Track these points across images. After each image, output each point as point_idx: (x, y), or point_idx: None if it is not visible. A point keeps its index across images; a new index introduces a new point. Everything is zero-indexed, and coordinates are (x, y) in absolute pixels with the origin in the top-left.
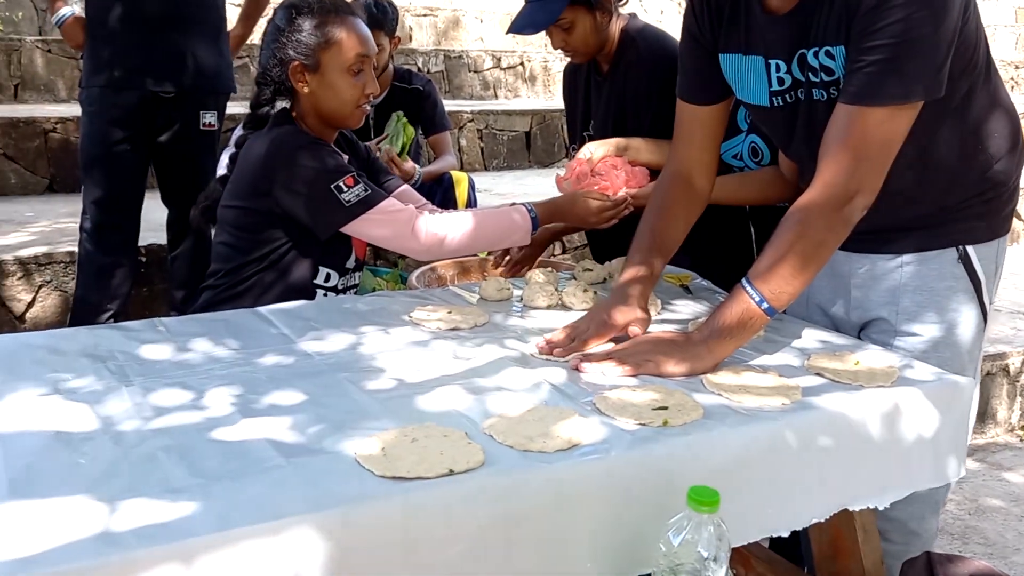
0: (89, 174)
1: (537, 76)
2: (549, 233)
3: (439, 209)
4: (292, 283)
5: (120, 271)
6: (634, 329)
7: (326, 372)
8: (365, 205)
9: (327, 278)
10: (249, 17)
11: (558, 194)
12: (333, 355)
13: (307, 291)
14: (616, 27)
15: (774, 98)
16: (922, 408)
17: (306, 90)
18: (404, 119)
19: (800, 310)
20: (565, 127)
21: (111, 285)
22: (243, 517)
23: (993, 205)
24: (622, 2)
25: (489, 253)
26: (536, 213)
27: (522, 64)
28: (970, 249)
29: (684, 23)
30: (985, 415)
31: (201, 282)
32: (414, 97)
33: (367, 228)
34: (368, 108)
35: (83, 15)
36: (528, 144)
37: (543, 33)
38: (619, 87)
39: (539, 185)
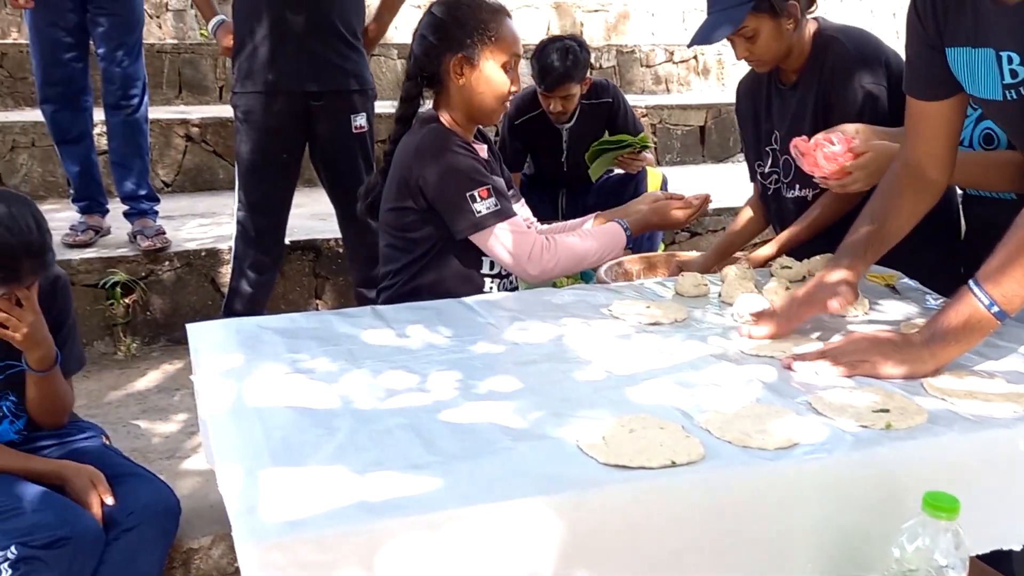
0: (243, 176)
1: (711, 69)
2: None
3: (544, 225)
4: (458, 274)
5: (268, 265)
6: (833, 304)
7: (538, 361)
8: (493, 220)
9: (492, 265)
10: (382, 16)
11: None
12: (541, 345)
13: (474, 282)
14: (807, 31)
15: (1007, 91)
16: None
17: (461, 82)
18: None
19: None
20: (744, 150)
21: (259, 278)
22: (483, 494)
23: None
24: (812, 8)
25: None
26: (630, 227)
27: (695, 58)
28: None
29: (908, 18)
30: None
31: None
32: (604, 110)
33: (490, 243)
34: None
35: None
36: (703, 138)
37: None
38: (814, 92)
39: (714, 179)
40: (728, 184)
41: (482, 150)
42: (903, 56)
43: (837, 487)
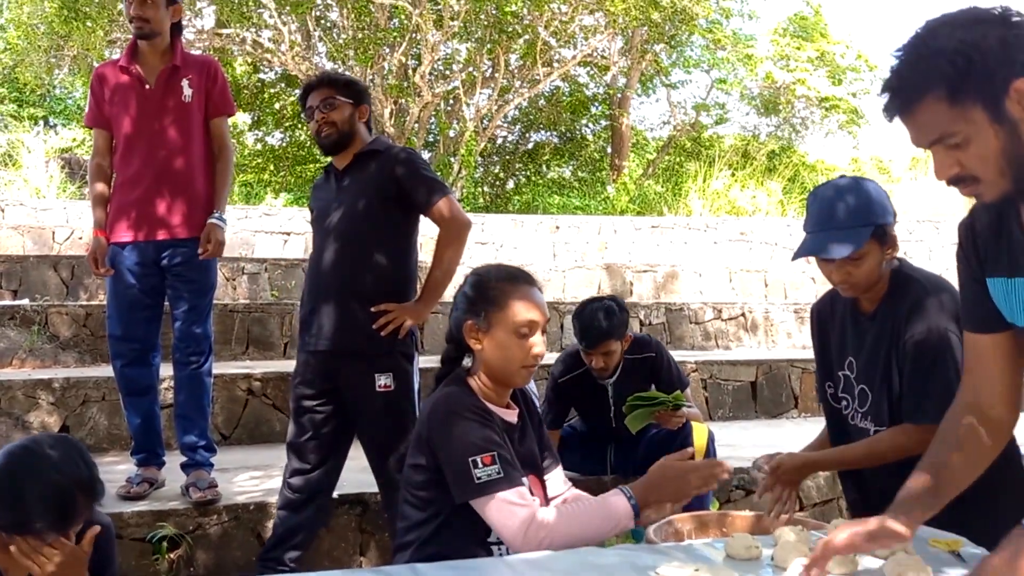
0: (291, 427)
1: (759, 325)
2: (800, 471)
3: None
4: (467, 538)
5: (307, 524)
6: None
7: None
8: (493, 488)
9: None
10: (433, 274)
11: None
12: None
13: (485, 548)
14: (886, 267)
15: None
16: None
17: (478, 347)
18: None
19: None
20: (816, 370)
21: (296, 538)
22: None
23: None
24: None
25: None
26: (636, 498)
27: (743, 315)
28: None
29: (956, 255)
30: None
31: None
32: (647, 364)
33: (486, 510)
34: (535, 368)
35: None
36: (754, 394)
37: (763, 283)
38: (893, 326)
39: (766, 436)
40: (781, 440)
41: (510, 414)
42: None
43: None
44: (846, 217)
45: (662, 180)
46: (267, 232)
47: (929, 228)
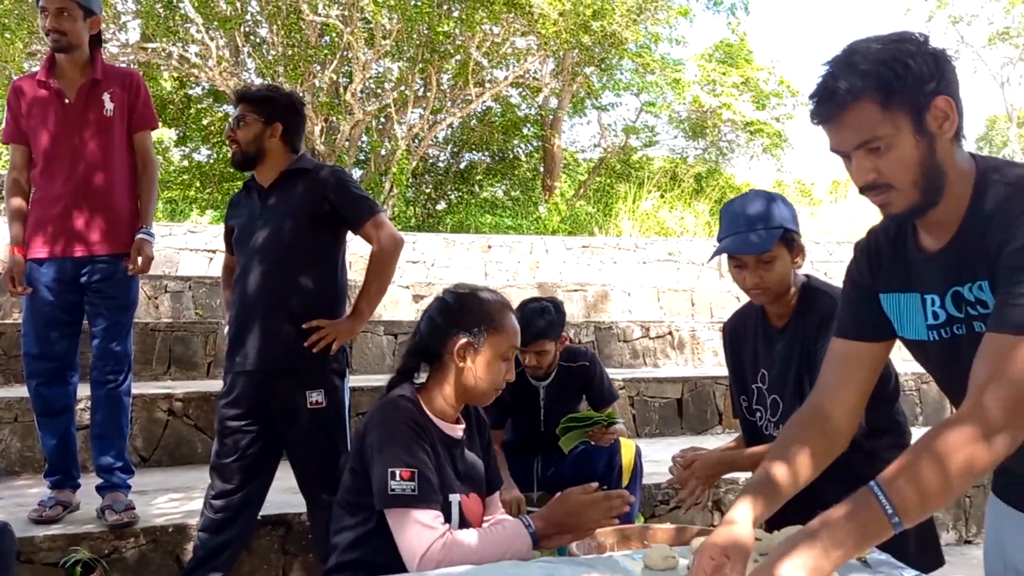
0: (216, 446)
1: (686, 343)
2: (715, 468)
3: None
4: (389, 549)
5: (229, 546)
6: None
7: None
8: (402, 503)
9: None
10: (368, 292)
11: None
12: None
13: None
14: (794, 281)
15: (931, 332)
16: None
17: (462, 365)
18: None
19: (998, 572)
20: (730, 384)
21: (217, 560)
22: None
23: None
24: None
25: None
26: (535, 529)
27: (670, 333)
28: None
29: (848, 267)
30: None
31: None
32: (580, 374)
33: (394, 523)
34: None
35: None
36: (680, 410)
37: (690, 302)
38: (803, 337)
39: None
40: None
41: (456, 430)
42: None
43: None
44: (757, 221)
45: (593, 201)
46: (192, 250)
47: (848, 249)
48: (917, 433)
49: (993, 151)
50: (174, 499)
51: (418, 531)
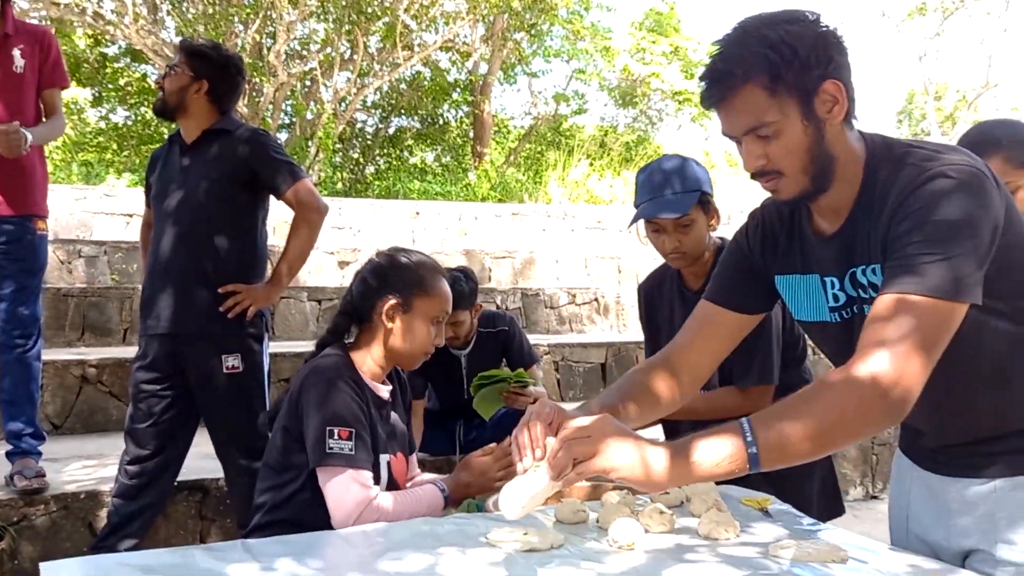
0: (130, 410)
1: (611, 309)
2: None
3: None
4: (315, 509)
5: (144, 512)
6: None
7: None
8: (337, 462)
9: None
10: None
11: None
12: (411, 575)
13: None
14: (709, 244)
15: (832, 314)
16: None
17: (390, 326)
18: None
19: (900, 538)
20: (646, 346)
21: (132, 526)
22: None
23: None
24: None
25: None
26: (447, 490)
27: (596, 299)
28: None
29: (736, 237)
30: None
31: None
32: (502, 339)
33: (327, 482)
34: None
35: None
36: (604, 375)
37: (617, 269)
38: None
39: None
40: None
41: (384, 391)
42: None
43: None
44: (674, 185)
45: (523, 168)
46: (107, 214)
47: None
48: None
49: (912, 125)
50: (87, 466)
51: (353, 491)
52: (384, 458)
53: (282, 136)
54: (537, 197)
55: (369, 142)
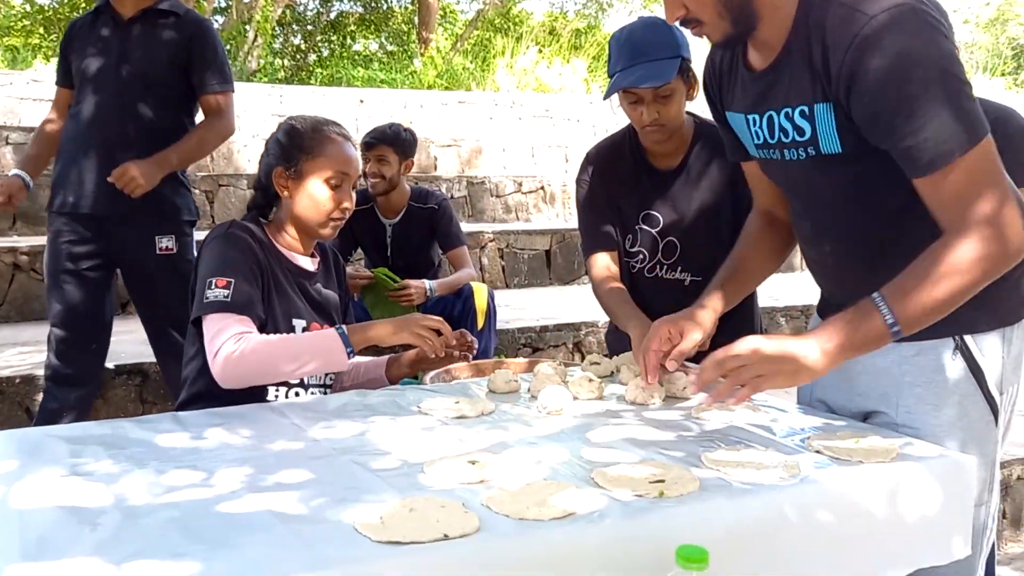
0: (51, 293)
1: (557, 197)
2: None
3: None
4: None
5: (79, 396)
6: (695, 336)
7: (333, 455)
8: (215, 308)
9: None
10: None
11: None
12: (341, 440)
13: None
14: (686, 120)
15: (759, 151)
16: (924, 485)
17: (286, 194)
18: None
19: (804, 400)
20: (590, 220)
21: (72, 397)
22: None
23: (993, 294)
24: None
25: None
26: (350, 335)
27: (542, 188)
28: (969, 339)
29: (704, 90)
30: (1020, 521)
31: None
32: (430, 215)
33: (206, 330)
34: (343, 221)
35: (19, 177)
36: (548, 262)
37: (564, 158)
38: (718, 174)
39: (560, 301)
40: (573, 304)
41: (309, 262)
42: None
43: (609, 553)
44: (654, 50)
45: (470, 55)
46: (35, 99)
47: None
48: None
49: None
50: (23, 352)
51: (225, 335)
52: (299, 323)
53: (218, 19)
54: (485, 85)
55: (310, 28)
